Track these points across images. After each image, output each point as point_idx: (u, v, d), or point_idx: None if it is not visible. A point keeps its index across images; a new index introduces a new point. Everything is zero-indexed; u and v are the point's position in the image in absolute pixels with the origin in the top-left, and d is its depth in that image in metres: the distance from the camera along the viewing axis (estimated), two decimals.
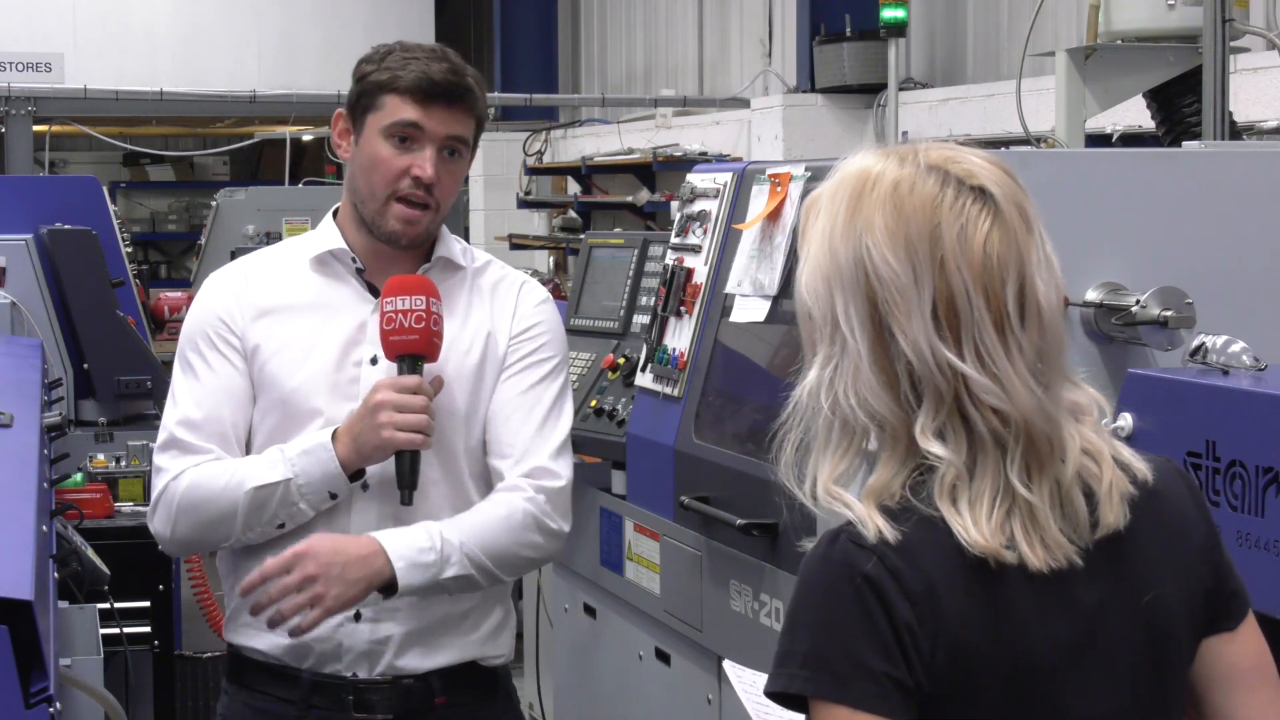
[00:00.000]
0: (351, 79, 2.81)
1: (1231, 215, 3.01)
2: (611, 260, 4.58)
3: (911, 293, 1.68)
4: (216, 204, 11.06)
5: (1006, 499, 1.68)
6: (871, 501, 1.69)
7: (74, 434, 5.25)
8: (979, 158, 1.75)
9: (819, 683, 1.65)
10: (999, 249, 1.69)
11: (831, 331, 1.72)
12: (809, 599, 1.69)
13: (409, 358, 2.68)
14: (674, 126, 12.21)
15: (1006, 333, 1.69)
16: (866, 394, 1.69)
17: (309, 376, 2.76)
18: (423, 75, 2.72)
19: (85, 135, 14.14)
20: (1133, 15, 5.43)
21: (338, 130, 2.84)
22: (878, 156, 1.76)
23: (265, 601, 2.62)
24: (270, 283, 2.83)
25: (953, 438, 1.68)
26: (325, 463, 2.67)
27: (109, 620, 4.03)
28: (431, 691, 2.80)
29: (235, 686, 2.87)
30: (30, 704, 1.78)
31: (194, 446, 2.76)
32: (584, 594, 4.26)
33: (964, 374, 1.67)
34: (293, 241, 2.93)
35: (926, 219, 1.69)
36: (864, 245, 1.70)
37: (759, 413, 3.56)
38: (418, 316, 2.66)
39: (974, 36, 9.96)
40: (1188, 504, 1.81)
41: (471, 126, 2.80)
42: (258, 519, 2.71)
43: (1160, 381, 2.51)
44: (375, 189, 2.76)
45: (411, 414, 2.63)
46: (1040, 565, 1.67)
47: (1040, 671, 1.69)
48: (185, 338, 2.84)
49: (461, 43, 17.22)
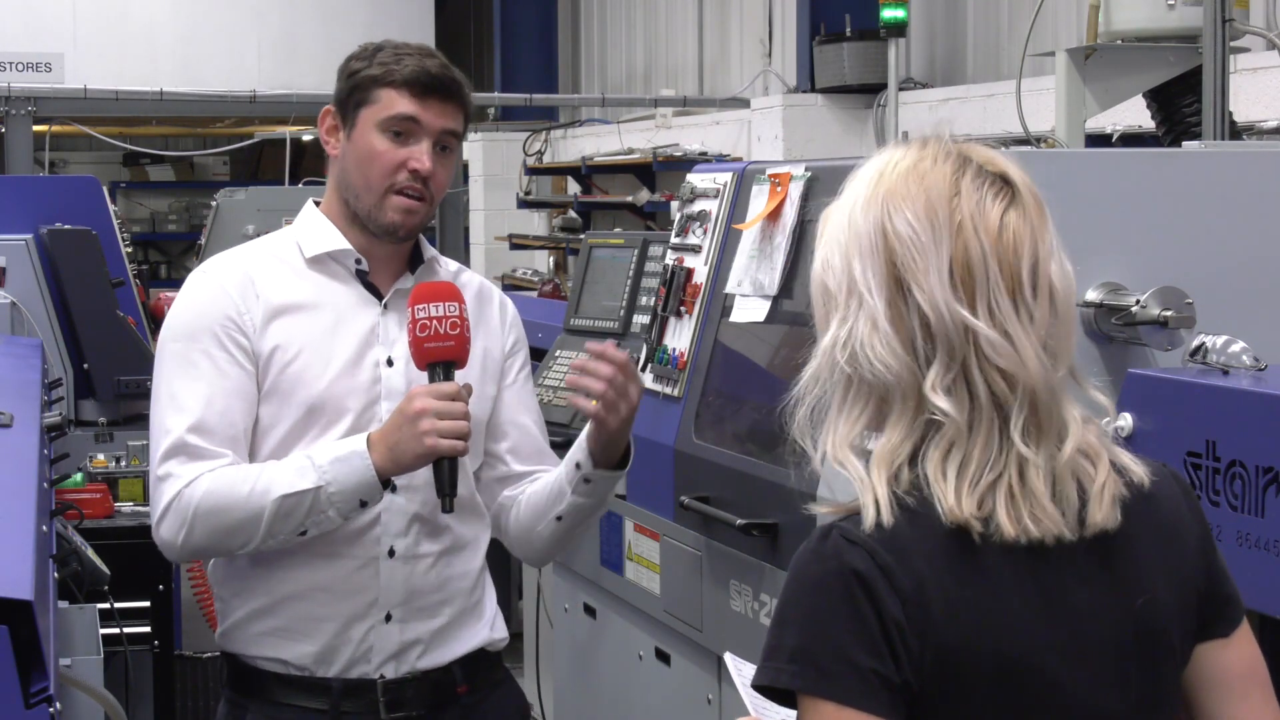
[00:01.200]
0: (339, 77, 2.81)
1: (1231, 215, 3.01)
2: (611, 260, 4.58)
3: (930, 250, 1.70)
4: (216, 204, 11.05)
5: (997, 466, 1.68)
6: (882, 470, 1.70)
7: (74, 434, 5.24)
8: (999, 152, 1.79)
9: (806, 677, 1.66)
10: (1016, 226, 1.72)
11: (847, 297, 1.74)
12: (799, 593, 1.70)
13: (441, 364, 2.66)
14: (674, 126, 12.22)
15: (1019, 302, 1.71)
16: (882, 349, 1.71)
17: (335, 379, 2.73)
18: (420, 69, 2.73)
19: (85, 135, 14.16)
20: (1133, 15, 5.43)
21: (326, 127, 2.83)
22: (897, 147, 1.80)
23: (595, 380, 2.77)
24: (277, 283, 2.78)
25: (958, 395, 1.69)
26: (361, 470, 2.62)
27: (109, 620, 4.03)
28: (454, 681, 2.82)
29: (251, 700, 2.80)
30: (30, 704, 1.78)
31: (206, 451, 2.67)
32: (584, 594, 4.26)
33: (976, 331, 1.69)
34: (281, 237, 2.87)
35: (946, 189, 1.73)
36: (885, 210, 1.73)
37: (759, 413, 3.56)
38: (452, 323, 2.64)
39: (974, 36, 9.96)
40: (1183, 508, 1.82)
41: (463, 122, 2.81)
42: (283, 527, 2.65)
43: (1160, 381, 2.51)
44: (372, 182, 2.75)
45: (454, 421, 2.62)
46: (1015, 534, 1.67)
47: (1031, 672, 1.68)
48: (185, 333, 2.73)
49: (461, 43, 17.24)
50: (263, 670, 2.78)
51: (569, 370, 2.85)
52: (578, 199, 11.96)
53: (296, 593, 2.73)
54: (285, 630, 2.75)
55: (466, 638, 2.84)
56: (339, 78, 2.81)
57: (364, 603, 2.74)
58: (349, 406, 2.73)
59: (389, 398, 2.74)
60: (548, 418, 4.22)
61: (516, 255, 13.53)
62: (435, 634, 2.79)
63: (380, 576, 2.74)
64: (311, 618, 2.73)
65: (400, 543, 2.75)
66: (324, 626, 2.74)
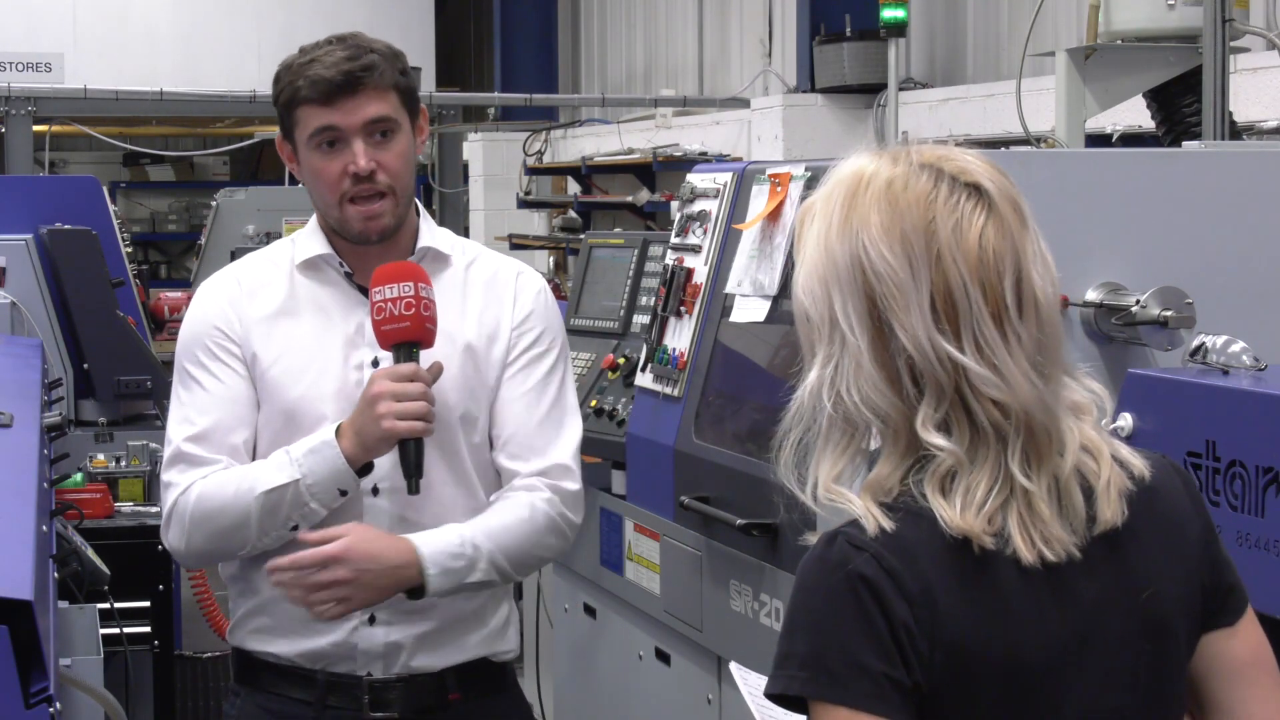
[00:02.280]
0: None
1: (1231, 215, 3.01)
2: (611, 260, 4.58)
3: (909, 287, 1.68)
4: (216, 204, 11.05)
5: (1004, 490, 1.68)
6: (869, 496, 1.70)
7: (74, 434, 5.24)
8: (972, 156, 1.76)
9: (818, 684, 1.66)
10: (994, 243, 1.70)
11: (830, 331, 1.73)
12: (807, 601, 1.70)
13: (404, 346, 2.66)
14: (674, 126, 12.21)
15: (1005, 325, 1.69)
16: (869, 390, 1.70)
17: (313, 383, 2.75)
18: (317, 78, 2.70)
19: (85, 135, 14.14)
20: (1133, 15, 5.43)
21: (285, 155, 2.84)
22: (870, 157, 1.76)
23: (291, 587, 2.63)
24: (263, 289, 2.81)
25: (956, 429, 1.69)
26: (332, 460, 2.66)
27: (109, 620, 4.03)
28: (445, 688, 2.81)
29: (247, 688, 2.87)
30: (30, 704, 1.78)
31: (202, 459, 2.74)
32: (584, 594, 4.26)
33: (964, 366, 1.68)
34: (281, 245, 2.91)
35: (921, 214, 1.70)
36: (860, 243, 1.71)
37: (759, 413, 3.56)
38: (407, 303, 2.63)
39: (974, 36, 9.96)
40: (1184, 500, 1.82)
41: (392, 100, 2.73)
42: (271, 523, 2.70)
43: (1160, 381, 2.51)
44: (326, 199, 2.76)
45: (410, 402, 2.61)
46: (1033, 559, 1.67)
47: (1039, 670, 1.69)
48: (183, 349, 2.82)
49: (461, 43, 17.24)
50: (259, 660, 2.83)
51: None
52: (578, 199, 11.96)
53: (282, 594, 2.74)
54: (275, 629, 2.80)
55: (463, 644, 2.82)
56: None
57: None
58: (325, 412, 2.73)
59: None
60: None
61: (516, 255, 13.49)
62: (423, 637, 2.79)
63: None
64: (296, 618, 2.76)
65: None
66: (309, 626, 2.76)
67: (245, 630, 2.84)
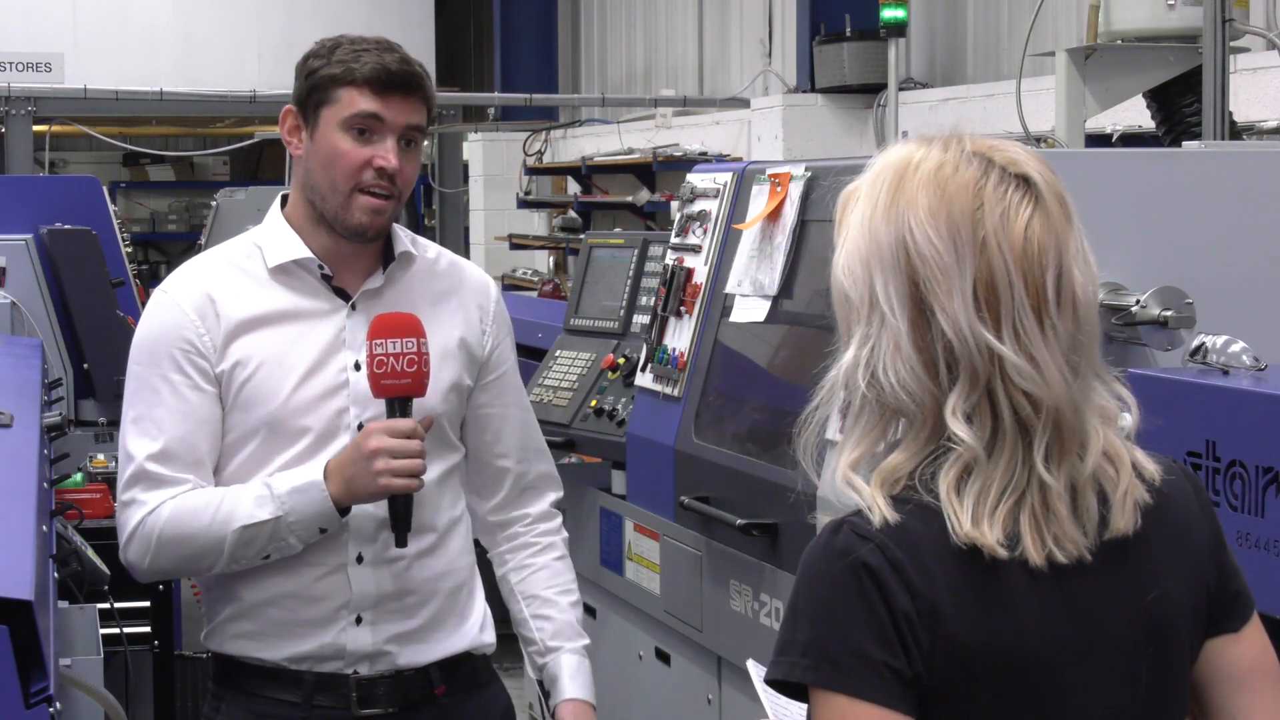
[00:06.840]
0: (297, 75, 2.77)
1: (1231, 215, 3.01)
2: (611, 260, 4.59)
3: (953, 271, 1.68)
4: (216, 204, 11.05)
5: (1018, 489, 1.68)
6: (878, 487, 1.70)
7: (74, 434, 5.24)
8: (1022, 149, 1.77)
9: (819, 671, 1.66)
10: (1040, 235, 1.70)
11: (869, 312, 1.72)
12: (810, 588, 1.69)
13: (400, 399, 2.65)
14: (674, 126, 12.22)
15: (1044, 318, 1.69)
16: (905, 372, 1.69)
17: (294, 394, 2.71)
18: (379, 66, 2.69)
19: (85, 135, 14.15)
20: (1133, 15, 5.43)
21: (287, 127, 2.78)
22: (919, 144, 1.77)
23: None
24: (237, 297, 2.74)
25: (978, 421, 1.68)
26: (319, 502, 2.64)
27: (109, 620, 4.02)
28: (431, 683, 2.81)
29: (230, 691, 2.83)
30: (30, 704, 1.78)
31: (168, 479, 2.68)
32: (584, 594, 4.24)
33: (1001, 355, 1.67)
34: (243, 245, 2.83)
35: (969, 200, 1.70)
36: (906, 224, 1.70)
37: (759, 413, 3.57)
38: (409, 360, 2.63)
39: (974, 36, 9.97)
40: (1193, 505, 1.82)
41: (425, 116, 2.77)
42: (245, 554, 2.68)
43: (1160, 381, 2.51)
44: (337, 183, 2.71)
45: (407, 460, 2.61)
46: (1041, 561, 1.67)
47: (1040, 668, 1.69)
48: (145, 355, 2.73)
49: (461, 43, 17.25)
50: (240, 663, 2.80)
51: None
52: (578, 199, 11.98)
53: (268, 599, 2.74)
54: (259, 634, 2.77)
55: (447, 640, 2.82)
56: (297, 76, 2.77)
57: (333, 607, 2.74)
58: (308, 423, 2.71)
59: (357, 403, 2.71)
60: (548, 418, 4.23)
61: (516, 255, 13.54)
62: (411, 634, 2.79)
63: (350, 582, 2.74)
64: (282, 622, 2.75)
65: (369, 549, 2.74)
66: (295, 630, 2.75)
67: (225, 635, 2.81)
